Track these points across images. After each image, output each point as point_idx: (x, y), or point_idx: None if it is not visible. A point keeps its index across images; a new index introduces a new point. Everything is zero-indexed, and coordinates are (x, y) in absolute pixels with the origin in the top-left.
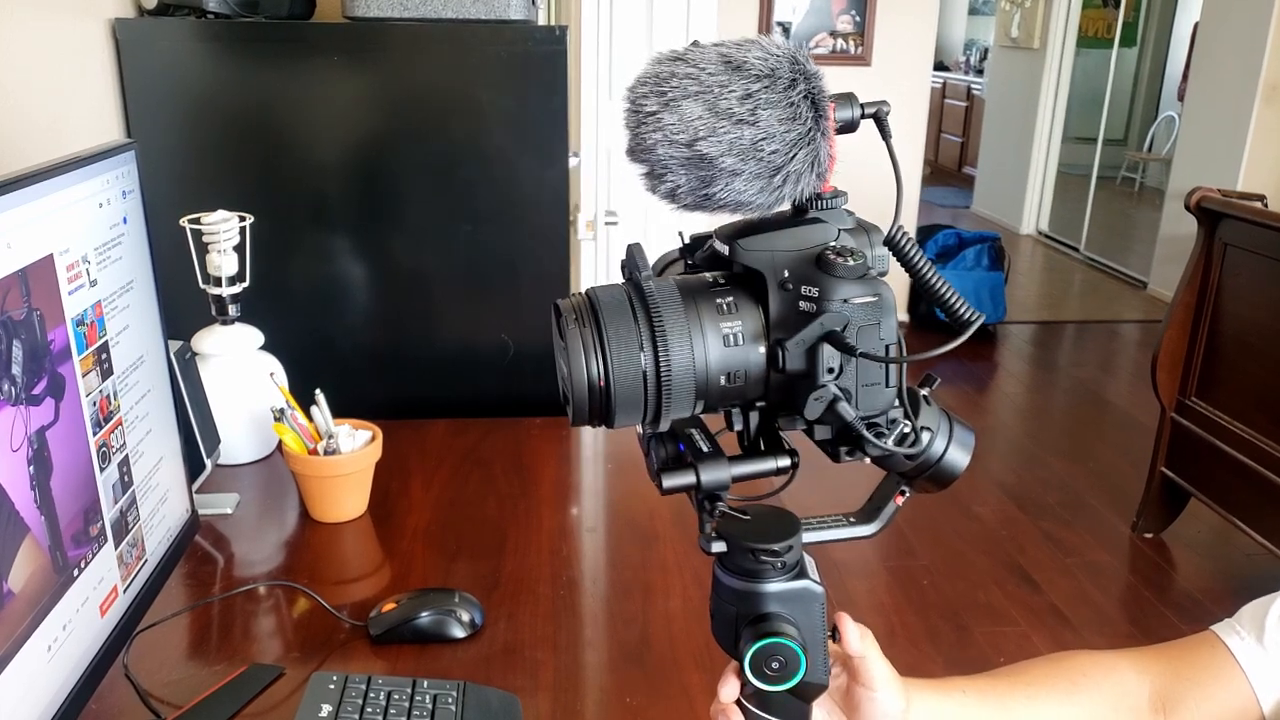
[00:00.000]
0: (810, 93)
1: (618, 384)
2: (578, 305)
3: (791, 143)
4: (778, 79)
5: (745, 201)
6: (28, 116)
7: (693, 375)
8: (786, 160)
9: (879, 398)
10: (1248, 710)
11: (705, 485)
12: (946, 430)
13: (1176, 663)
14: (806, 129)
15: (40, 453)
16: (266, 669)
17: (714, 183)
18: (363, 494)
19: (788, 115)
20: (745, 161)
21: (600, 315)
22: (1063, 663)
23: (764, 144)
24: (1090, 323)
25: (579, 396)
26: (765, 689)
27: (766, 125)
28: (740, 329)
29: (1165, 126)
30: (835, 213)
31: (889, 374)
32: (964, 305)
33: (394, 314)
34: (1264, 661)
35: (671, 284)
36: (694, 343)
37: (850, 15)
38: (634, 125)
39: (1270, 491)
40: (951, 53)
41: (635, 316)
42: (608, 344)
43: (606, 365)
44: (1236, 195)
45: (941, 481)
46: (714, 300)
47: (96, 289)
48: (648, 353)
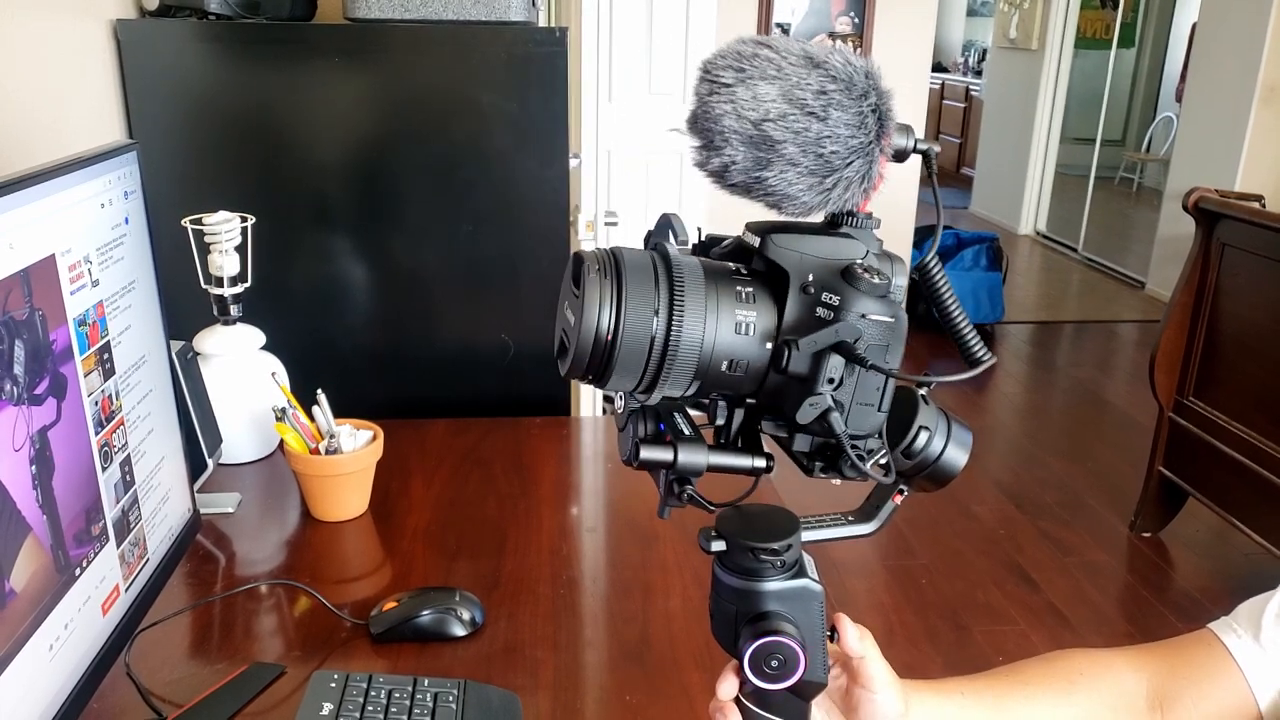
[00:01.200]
0: (879, 108)
1: (625, 342)
2: (602, 258)
3: (852, 149)
4: (854, 85)
5: (794, 195)
6: (30, 117)
7: (698, 353)
8: (843, 164)
9: (869, 419)
10: (1244, 707)
11: (681, 466)
12: (945, 429)
13: (1173, 661)
14: (868, 140)
15: (42, 452)
16: (268, 668)
17: (770, 166)
18: (364, 493)
19: (855, 122)
20: (805, 154)
21: (623, 271)
22: (1060, 662)
23: (826, 142)
24: (1088, 323)
25: (582, 346)
26: (764, 687)
27: (834, 125)
28: (754, 320)
29: (1163, 127)
30: (866, 233)
31: (883, 399)
32: (979, 344)
33: (395, 314)
34: (1261, 659)
35: (696, 261)
36: (707, 322)
37: (849, 17)
38: (705, 94)
39: (1268, 491)
40: (950, 54)
41: (657, 281)
42: (625, 300)
43: (619, 320)
44: (1234, 195)
45: (939, 480)
46: (735, 287)
47: (98, 289)
48: (661, 318)
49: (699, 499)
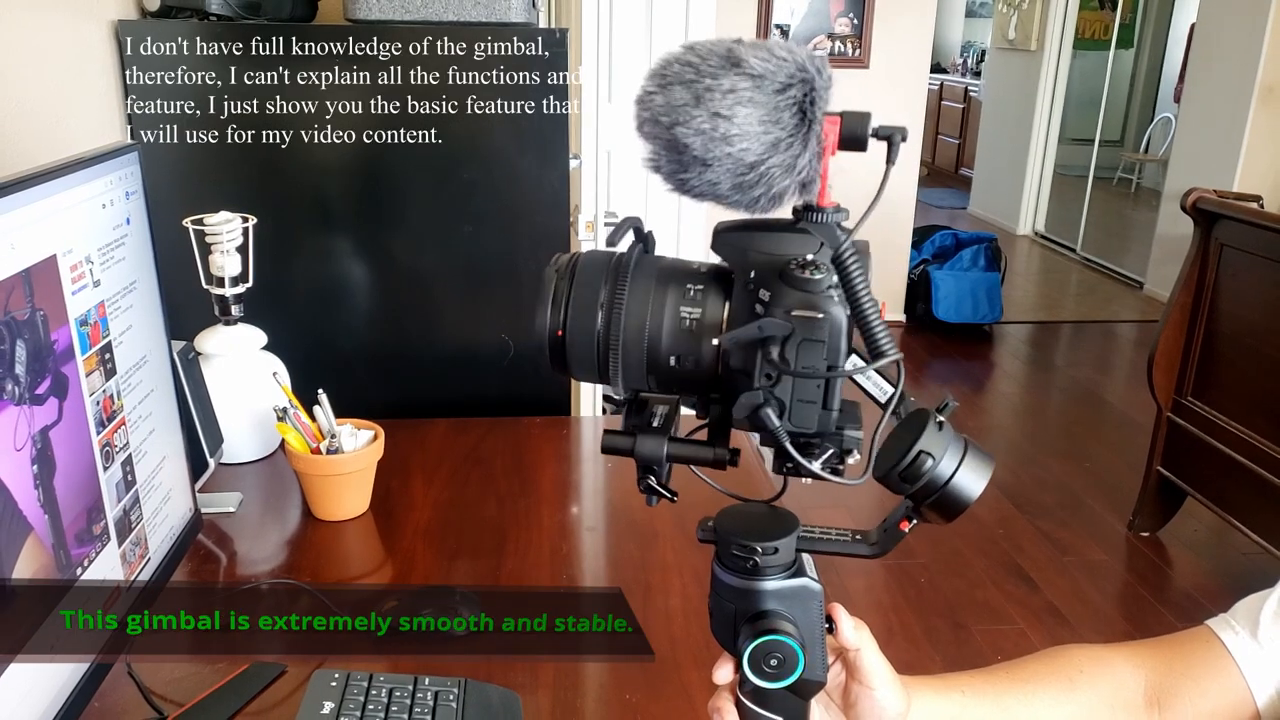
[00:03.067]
0: (801, 101)
1: (571, 339)
2: (565, 260)
3: (767, 145)
4: (769, 81)
5: (722, 195)
6: (31, 117)
7: (642, 349)
8: (760, 160)
9: (812, 417)
10: (1242, 704)
11: (639, 454)
12: (958, 455)
13: (1171, 657)
14: (785, 134)
15: (44, 452)
16: (268, 667)
17: (689, 169)
18: (364, 493)
19: (769, 118)
20: (714, 153)
21: (575, 273)
22: (1059, 658)
23: (735, 140)
24: (1087, 323)
25: (539, 339)
26: (763, 686)
27: (742, 123)
28: (698, 317)
29: (1162, 127)
30: (825, 227)
31: (827, 396)
32: (888, 340)
33: (395, 314)
34: (1259, 656)
35: (654, 262)
36: (649, 320)
37: (848, 18)
38: (635, 103)
39: (1266, 490)
40: (949, 54)
41: (605, 282)
42: (570, 301)
43: (565, 320)
44: (1232, 196)
45: (944, 511)
46: (684, 286)
47: (100, 289)
48: (601, 317)
49: (656, 489)
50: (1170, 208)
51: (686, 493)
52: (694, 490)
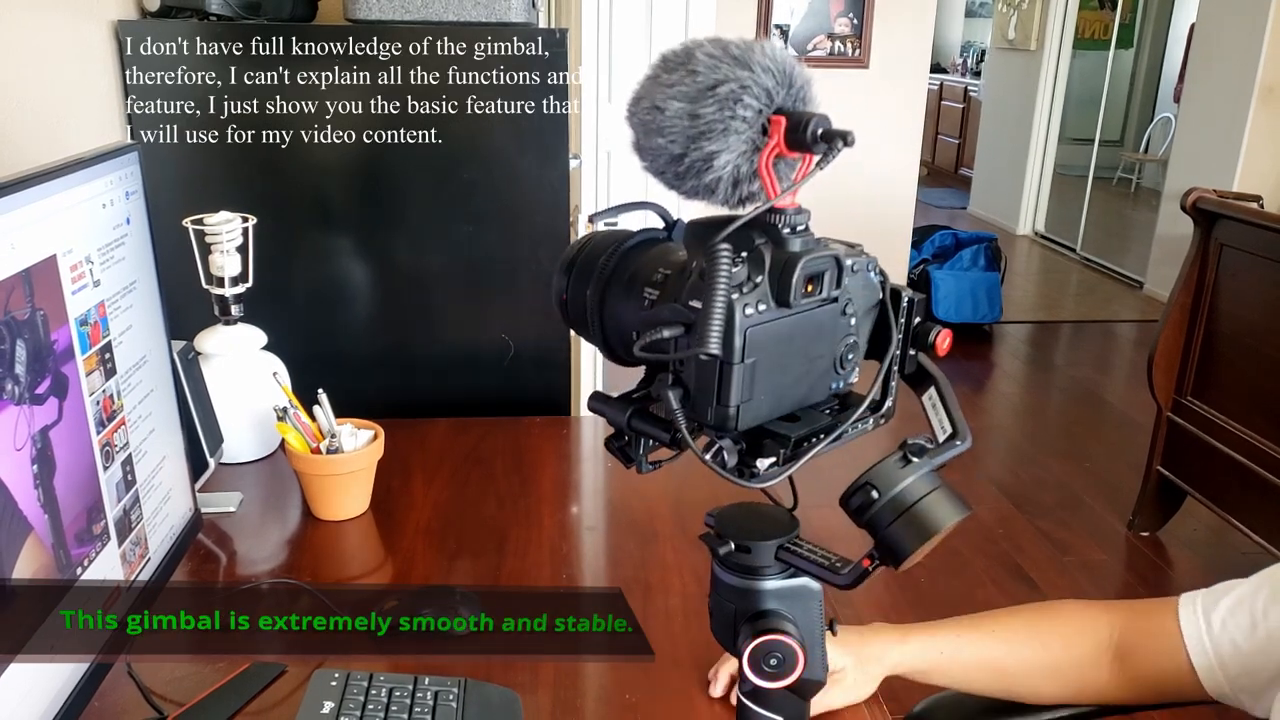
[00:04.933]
0: (729, 97)
1: (571, 303)
2: (590, 233)
3: (690, 137)
4: (702, 75)
5: (669, 184)
6: (31, 117)
7: (619, 324)
8: (684, 150)
9: (708, 411)
10: (1184, 678)
11: (609, 416)
12: (913, 497)
13: (1139, 620)
14: (706, 126)
15: (44, 452)
16: (268, 667)
17: (642, 155)
18: (364, 492)
19: (692, 110)
20: (650, 141)
21: (584, 249)
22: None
23: (667, 130)
24: (1087, 323)
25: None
26: (763, 685)
27: (671, 116)
28: (654, 298)
29: (1161, 127)
30: (770, 227)
31: (722, 390)
32: (715, 334)
33: (395, 314)
34: (1206, 638)
35: (661, 246)
36: (629, 298)
37: (848, 18)
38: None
39: (1266, 490)
40: (948, 54)
41: (610, 258)
42: (574, 270)
43: (567, 285)
44: (1232, 196)
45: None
46: (656, 269)
47: (100, 289)
48: (595, 289)
49: (614, 450)
50: (1170, 208)
51: (687, 492)
52: (694, 490)
